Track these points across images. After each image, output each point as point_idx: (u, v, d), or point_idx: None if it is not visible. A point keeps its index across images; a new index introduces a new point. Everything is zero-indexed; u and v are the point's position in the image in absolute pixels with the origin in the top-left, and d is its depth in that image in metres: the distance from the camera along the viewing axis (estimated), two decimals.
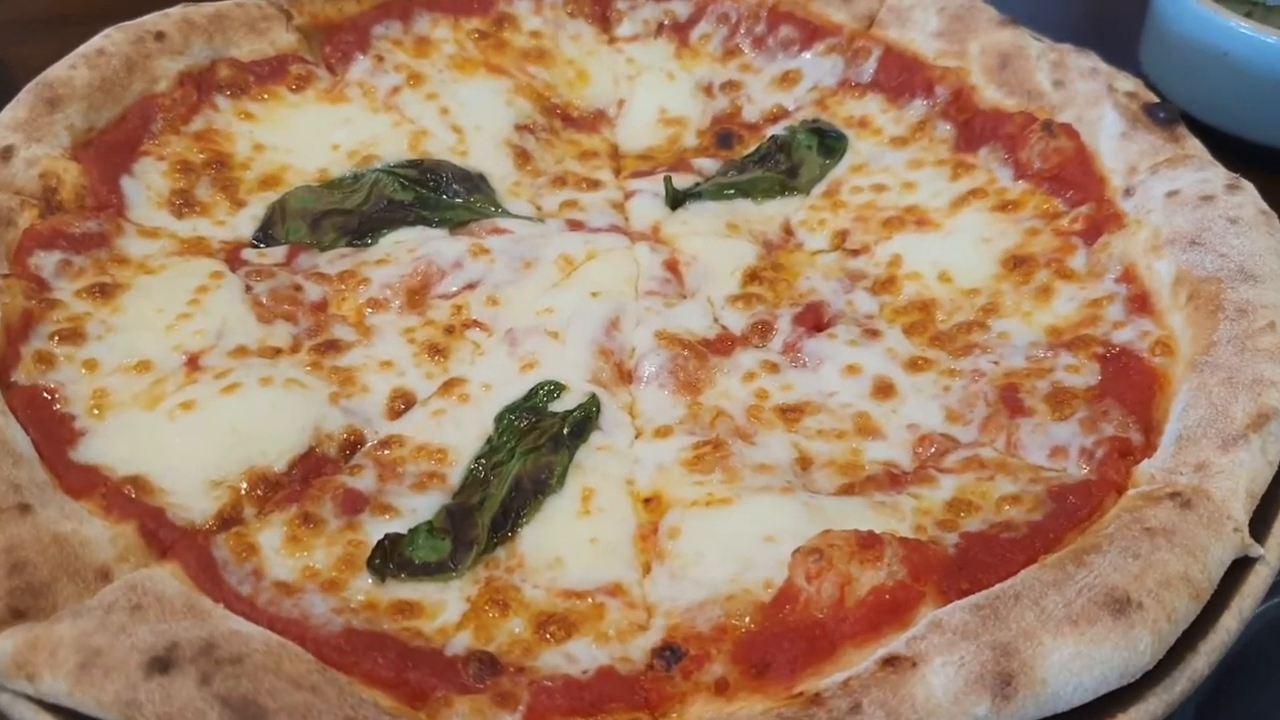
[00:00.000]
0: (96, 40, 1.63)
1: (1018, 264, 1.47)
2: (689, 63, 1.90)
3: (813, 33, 1.87)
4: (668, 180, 1.64)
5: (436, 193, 1.60)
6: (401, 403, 1.31)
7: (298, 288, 1.42)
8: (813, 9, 1.90)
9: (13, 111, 1.52)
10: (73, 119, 1.54)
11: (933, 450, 1.25)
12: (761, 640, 1.02)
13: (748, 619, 1.04)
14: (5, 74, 2.09)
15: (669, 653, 1.03)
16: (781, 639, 1.01)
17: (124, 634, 0.94)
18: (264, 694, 0.90)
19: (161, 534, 1.10)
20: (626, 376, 1.38)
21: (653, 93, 1.85)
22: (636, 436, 1.30)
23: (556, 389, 1.32)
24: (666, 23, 1.96)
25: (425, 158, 1.65)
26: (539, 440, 1.25)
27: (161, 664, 0.91)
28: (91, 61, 1.60)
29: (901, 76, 1.77)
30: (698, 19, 1.94)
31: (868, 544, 1.04)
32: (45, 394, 1.22)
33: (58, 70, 1.58)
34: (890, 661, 0.96)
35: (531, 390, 1.32)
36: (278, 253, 1.49)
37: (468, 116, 1.73)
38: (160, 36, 1.66)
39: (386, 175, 1.60)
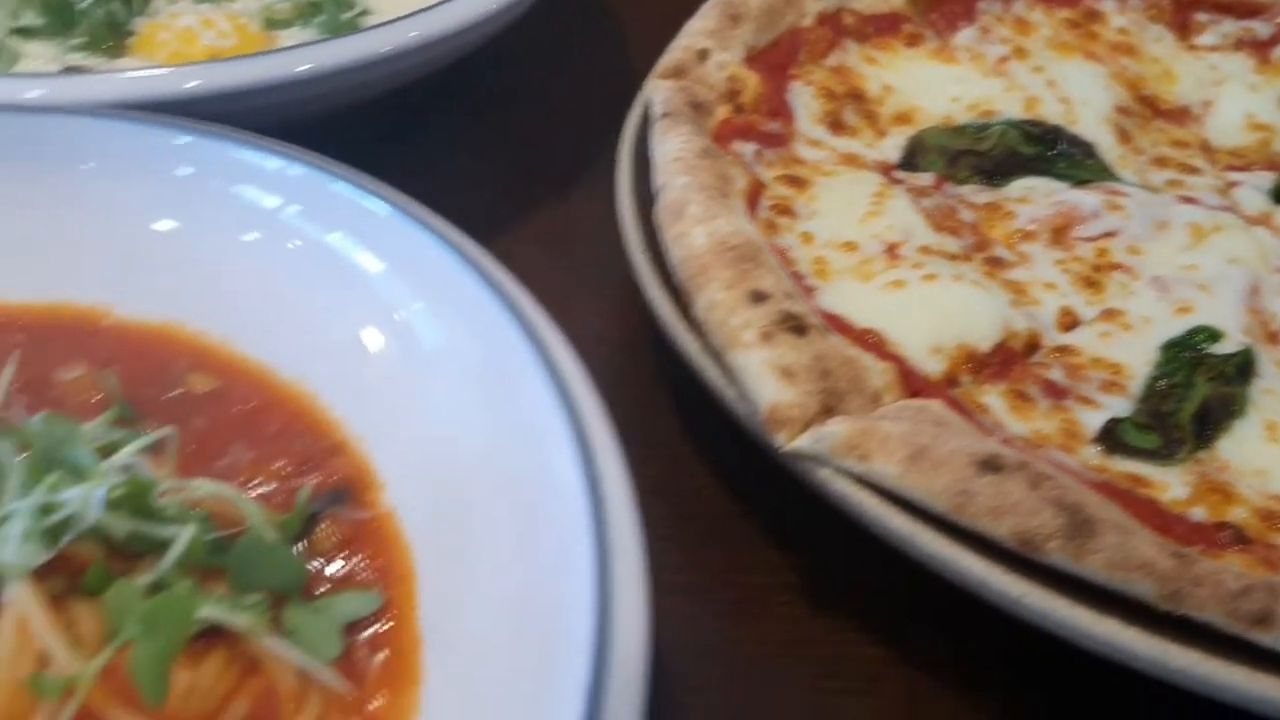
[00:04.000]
0: None
1: None
2: (1271, 77, 1.95)
3: None
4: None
5: (1054, 151, 1.72)
6: (1068, 319, 1.43)
7: (953, 210, 1.57)
8: None
9: (701, 21, 1.75)
10: (745, 36, 1.75)
11: None
12: None
13: None
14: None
15: None
16: None
17: (942, 439, 1.09)
18: (1091, 506, 1.03)
19: (910, 379, 1.25)
20: (1271, 338, 1.45)
21: (1237, 100, 1.90)
22: None
23: (1213, 335, 1.41)
24: (1246, 39, 2.01)
25: (1041, 120, 1.77)
26: (1210, 374, 1.34)
27: (991, 466, 1.05)
28: None
29: None
30: (1278, 39, 1.99)
31: None
32: (778, 254, 1.40)
33: None
34: None
35: (1191, 330, 1.41)
36: (925, 178, 1.64)
37: (1072, 91, 1.84)
38: None
39: (1012, 129, 1.73)
